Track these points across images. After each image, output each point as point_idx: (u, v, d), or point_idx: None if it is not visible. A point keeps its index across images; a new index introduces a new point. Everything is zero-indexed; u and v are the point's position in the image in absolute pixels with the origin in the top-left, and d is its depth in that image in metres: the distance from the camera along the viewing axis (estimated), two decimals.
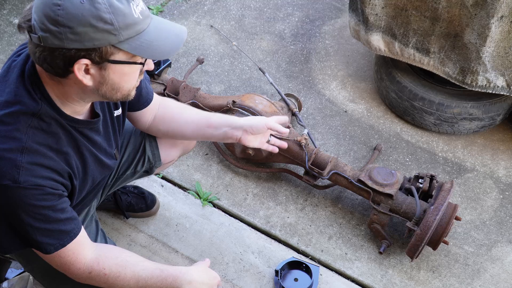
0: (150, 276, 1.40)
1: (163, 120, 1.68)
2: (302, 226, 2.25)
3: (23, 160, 1.18)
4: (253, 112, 2.24)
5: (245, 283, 2.05)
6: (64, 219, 1.29)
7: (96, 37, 1.09)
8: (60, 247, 1.30)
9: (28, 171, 1.18)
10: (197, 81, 2.84)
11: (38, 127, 1.21)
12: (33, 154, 1.20)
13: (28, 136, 1.19)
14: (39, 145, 1.21)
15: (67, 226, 1.30)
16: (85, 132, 1.35)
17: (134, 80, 1.25)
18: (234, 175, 2.43)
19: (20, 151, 1.18)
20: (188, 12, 3.23)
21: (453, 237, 2.21)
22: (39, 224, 1.25)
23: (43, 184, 1.21)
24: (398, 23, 2.33)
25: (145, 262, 1.44)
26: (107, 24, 1.09)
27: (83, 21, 1.07)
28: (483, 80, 2.24)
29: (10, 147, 1.17)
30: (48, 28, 1.08)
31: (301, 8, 3.29)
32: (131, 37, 1.14)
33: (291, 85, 2.84)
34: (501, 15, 2.03)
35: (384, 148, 2.54)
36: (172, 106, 1.70)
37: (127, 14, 1.11)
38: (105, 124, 1.46)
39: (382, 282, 2.08)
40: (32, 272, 1.62)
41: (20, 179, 1.17)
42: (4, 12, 3.18)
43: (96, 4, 1.08)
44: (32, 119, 1.20)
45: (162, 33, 1.19)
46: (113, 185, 1.86)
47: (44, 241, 1.27)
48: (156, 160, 1.87)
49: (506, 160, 2.49)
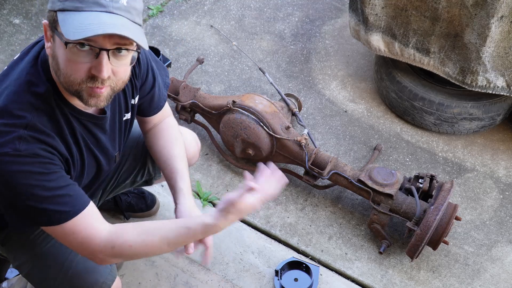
0: (178, 235, 1.33)
1: (153, 136, 1.68)
2: (302, 226, 2.25)
3: (26, 133, 1.19)
4: (253, 112, 2.24)
5: (245, 283, 2.05)
6: (71, 184, 1.27)
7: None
8: (73, 214, 1.25)
9: (29, 142, 1.19)
10: (197, 81, 2.84)
11: (43, 110, 1.22)
12: (36, 131, 1.21)
13: (33, 116, 1.21)
14: (42, 125, 1.22)
15: (75, 192, 1.27)
16: (88, 125, 1.35)
17: (76, 69, 1.17)
18: (234, 175, 2.43)
19: (24, 127, 1.19)
20: (188, 12, 3.23)
21: (453, 237, 2.21)
22: (43, 192, 1.21)
23: (42, 154, 1.21)
24: (398, 23, 2.33)
25: (168, 224, 1.37)
26: None
27: None
28: (483, 80, 2.24)
29: (14, 122, 1.19)
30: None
31: (301, 8, 3.29)
32: (67, 10, 1.13)
33: (291, 85, 2.84)
34: (501, 15, 2.03)
35: (384, 148, 2.54)
36: (166, 133, 1.67)
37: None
38: (112, 124, 1.45)
39: (382, 282, 2.08)
40: (19, 269, 1.60)
41: (20, 147, 1.18)
42: (4, 12, 3.18)
43: None
44: (37, 100, 1.22)
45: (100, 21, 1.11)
46: (111, 191, 1.85)
47: (51, 208, 1.23)
48: (156, 172, 1.88)
49: (506, 160, 2.49)
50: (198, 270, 2.07)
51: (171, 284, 2.03)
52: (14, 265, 1.61)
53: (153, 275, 2.05)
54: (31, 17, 3.16)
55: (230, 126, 2.29)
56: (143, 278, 2.03)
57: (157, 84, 1.58)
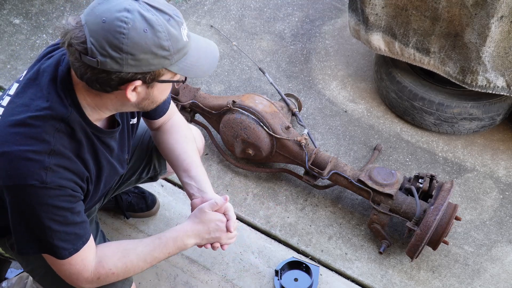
0: (153, 249, 1.43)
1: (160, 138, 1.72)
2: (302, 226, 2.25)
3: (51, 162, 1.21)
4: (253, 112, 2.23)
5: (245, 283, 2.05)
6: (80, 222, 1.31)
7: (154, 62, 1.16)
8: (74, 252, 1.31)
9: (54, 173, 1.22)
10: (197, 81, 2.84)
11: (65, 132, 1.24)
12: (59, 157, 1.23)
13: (56, 139, 1.22)
14: (65, 149, 1.24)
15: (81, 230, 1.32)
16: (106, 140, 1.39)
17: (168, 92, 1.33)
18: (234, 175, 2.43)
19: (48, 154, 1.21)
20: (188, 12, 3.23)
21: (453, 237, 2.21)
22: (58, 227, 1.26)
23: (66, 186, 1.25)
24: (398, 23, 2.33)
25: (143, 240, 1.46)
26: (165, 51, 1.15)
27: (145, 49, 1.13)
28: (483, 80, 2.24)
29: (38, 149, 1.20)
30: (110, 54, 1.12)
31: (301, 8, 3.29)
32: (180, 59, 1.20)
33: (291, 85, 2.84)
34: (501, 15, 2.03)
35: (384, 148, 2.54)
36: (176, 130, 1.71)
37: (179, 39, 1.18)
38: (122, 131, 1.49)
39: (382, 282, 2.08)
40: (32, 273, 1.62)
41: (47, 180, 1.20)
42: (4, 12, 3.18)
43: (158, 33, 1.13)
44: (60, 124, 1.23)
45: (201, 52, 1.26)
46: (117, 189, 1.88)
47: (59, 245, 1.29)
48: (161, 169, 1.91)
49: (506, 160, 2.49)
50: (198, 270, 2.07)
51: (171, 284, 2.03)
52: (26, 269, 1.62)
53: (153, 275, 2.05)
54: (31, 17, 3.16)
55: (230, 126, 2.29)
56: (143, 278, 2.03)
57: None
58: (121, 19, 1.10)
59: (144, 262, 1.43)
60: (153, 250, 1.43)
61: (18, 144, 1.19)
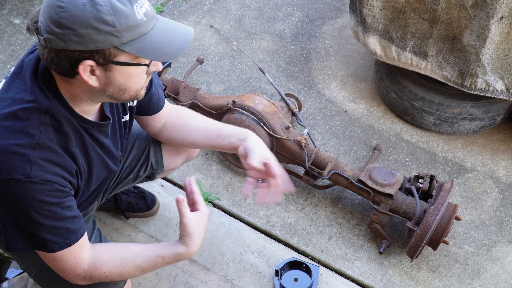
0: (153, 265, 1.40)
1: (174, 127, 1.70)
2: (302, 226, 2.25)
3: (36, 156, 1.20)
4: (253, 112, 2.24)
5: (245, 283, 2.05)
6: (71, 217, 1.30)
7: (98, 39, 1.11)
8: (65, 246, 1.30)
9: (40, 167, 1.20)
10: (197, 81, 2.84)
11: (51, 125, 1.23)
12: (45, 151, 1.22)
13: (41, 133, 1.21)
14: (50, 142, 1.23)
15: (74, 225, 1.30)
16: (94, 134, 1.37)
17: (141, 81, 1.26)
18: (234, 175, 2.43)
19: (33, 147, 1.20)
20: (188, 12, 3.23)
21: (453, 237, 2.22)
22: (47, 221, 1.25)
23: (53, 180, 1.23)
24: (395, 26, 2.32)
25: (143, 252, 1.41)
26: (108, 26, 1.10)
27: (85, 23, 1.09)
28: (482, 83, 2.24)
29: (23, 142, 1.19)
30: (53, 30, 1.10)
31: (301, 8, 3.29)
32: (134, 39, 1.15)
33: (291, 85, 2.84)
34: (501, 16, 2.02)
35: (384, 148, 2.54)
36: (184, 113, 1.71)
37: (129, 16, 1.12)
38: (113, 127, 1.47)
39: (382, 282, 2.08)
40: (27, 271, 1.62)
41: (32, 174, 1.19)
42: (4, 12, 3.18)
43: (98, 6, 1.09)
44: (45, 117, 1.22)
45: (167, 34, 1.20)
46: (114, 188, 1.87)
47: (49, 239, 1.27)
48: (159, 167, 1.89)
49: (506, 160, 2.49)
50: (198, 270, 2.08)
51: (171, 284, 2.03)
52: (22, 267, 1.62)
53: (153, 275, 2.05)
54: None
55: None
56: (143, 278, 2.03)
57: (154, 85, 1.59)
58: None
59: (141, 273, 1.42)
60: (153, 266, 1.41)
61: (3, 138, 1.19)
